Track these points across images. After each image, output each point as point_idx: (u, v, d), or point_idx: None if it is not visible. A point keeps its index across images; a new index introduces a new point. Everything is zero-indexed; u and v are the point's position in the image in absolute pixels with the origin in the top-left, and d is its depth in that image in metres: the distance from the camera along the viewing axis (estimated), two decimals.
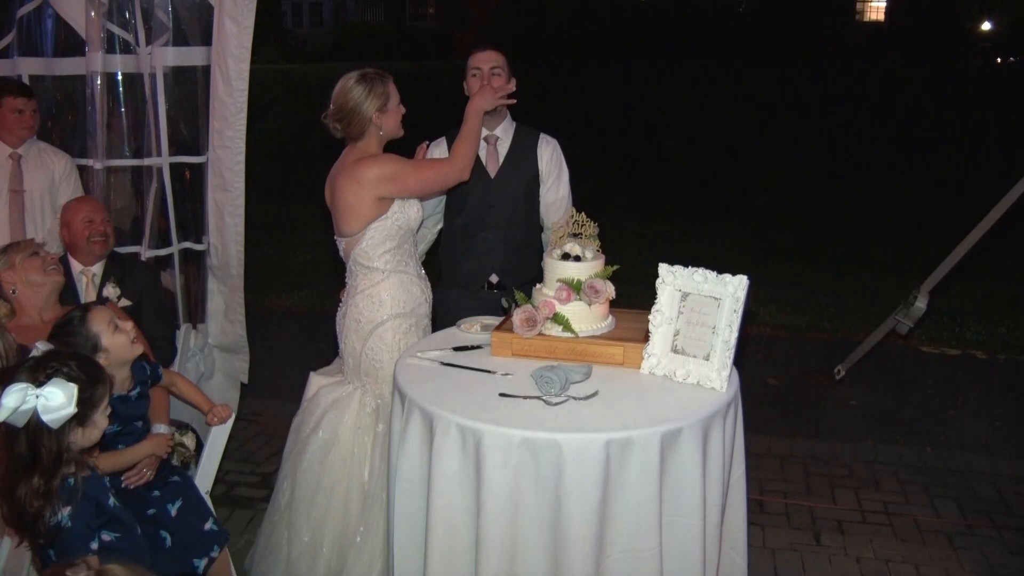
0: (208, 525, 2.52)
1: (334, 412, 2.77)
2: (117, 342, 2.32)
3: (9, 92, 3.41)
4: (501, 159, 3.16)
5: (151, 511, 2.44)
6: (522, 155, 3.17)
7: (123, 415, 2.41)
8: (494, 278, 3.16)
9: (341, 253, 2.83)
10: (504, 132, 3.18)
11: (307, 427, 2.81)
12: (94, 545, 1.90)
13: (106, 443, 2.38)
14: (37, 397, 1.78)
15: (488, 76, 3.03)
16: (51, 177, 3.53)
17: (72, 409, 1.81)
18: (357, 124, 2.69)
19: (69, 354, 1.94)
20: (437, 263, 3.32)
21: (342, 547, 2.72)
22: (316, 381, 2.92)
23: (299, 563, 2.72)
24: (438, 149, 3.18)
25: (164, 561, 2.36)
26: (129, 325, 2.39)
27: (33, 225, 3.48)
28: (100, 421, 1.95)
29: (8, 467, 1.84)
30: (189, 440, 2.76)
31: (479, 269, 3.17)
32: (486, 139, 3.16)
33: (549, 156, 3.18)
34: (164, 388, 2.68)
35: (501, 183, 3.14)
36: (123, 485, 2.44)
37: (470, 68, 3.10)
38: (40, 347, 1.98)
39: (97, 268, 3.18)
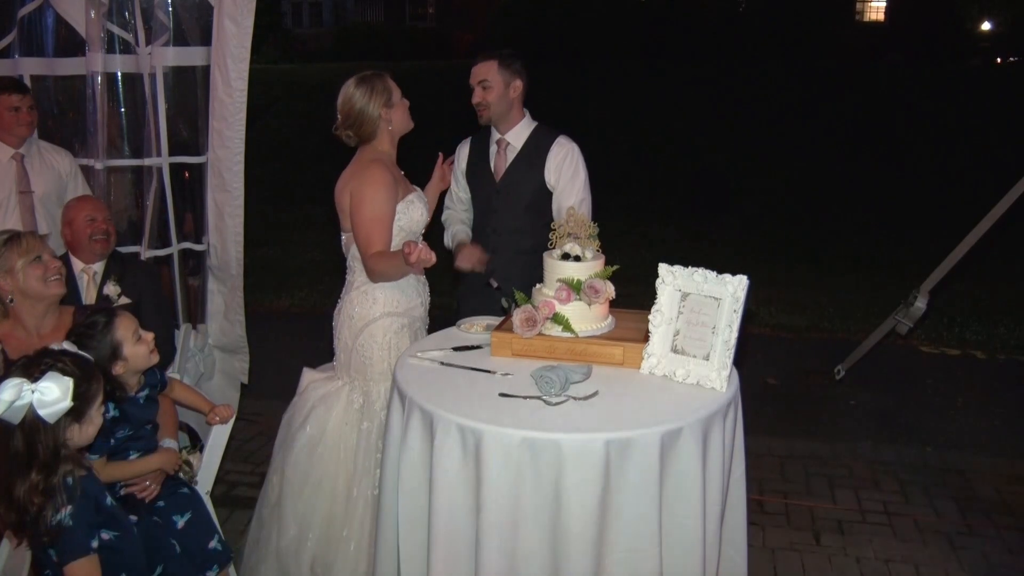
0: (212, 543, 2.50)
1: (322, 407, 2.78)
2: (138, 352, 2.34)
3: (3, 90, 3.36)
4: (508, 164, 3.12)
5: (155, 519, 2.43)
6: (531, 162, 3.10)
7: (133, 418, 2.40)
8: (493, 283, 3.10)
9: (343, 248, 2.85)
10: (517, 136, 3.12)
11: (296, 421, 2.82)
12: (94, 544, 1.90)
13: (118, 448, 2.38)
14: (33, 392, 1.78)
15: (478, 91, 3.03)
16: (57, 176, 3.52)
17: (68, 403, 1.81)
18: (367, 125, 2.73)
19: (62, 351, 1.94)
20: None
21: (328, 541, 2.72)
22: (308, 375, 2.93)
23: (286, 555, 2.74)
24: (463, 150, 3.21)
25: (173, 570, 2.35)
26: (150, 336, 2.39)
27: (43, 226, 3.47)
28: (95, 418, 1.95)
29: (4, 467, 1.84)
30: (195, 460, 2.74)
31: (488, 270, 3.15)
32: (496, 142, 3.14)
33: (559, 163, 3.08)
34: (169, 399, 2.68)
35: (504, 191, 3.11)
36: (121, 493, 2.43)
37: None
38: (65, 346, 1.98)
39: (98, 267, 3.18)
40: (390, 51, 23.75)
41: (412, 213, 2.77)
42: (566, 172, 3.08)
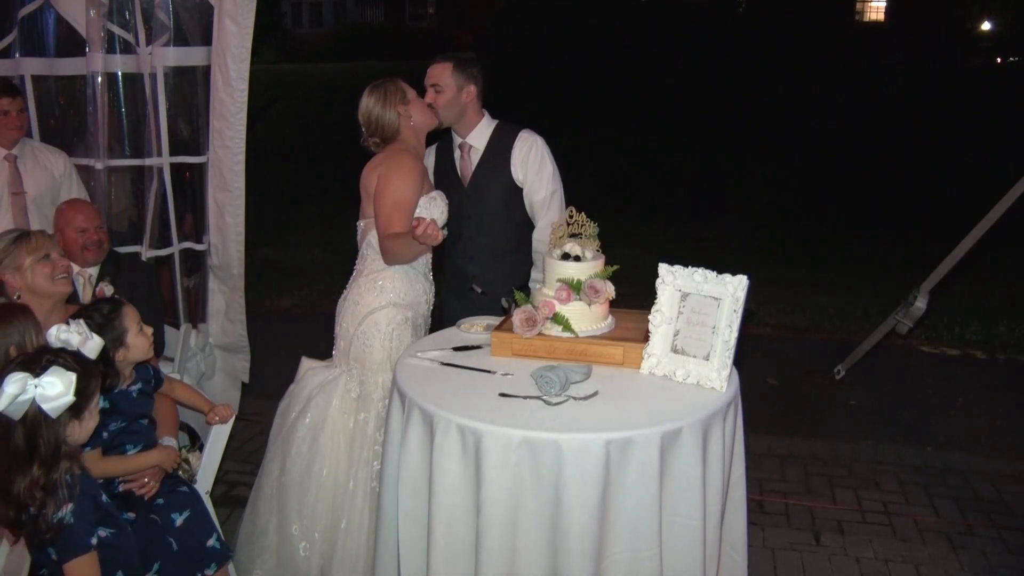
0: (211, 542, 2.50)
1: (322, 396, 2.79)
2: (139, 343, 2.39)
3: None
4: (473, 167, 3.09)
5: (153, 517, 2.43)
6: (496, 162, 3.06)
7: (125, 410, 2.42)
8: (476, 287, 3.09)
9: (358, 235, 2.88)
10: (478, 138, 3.08)
11: (294, 410, 2.82)
12: (93, 541, 1.90)
13: (112, 443, 2.39)
14: (36, 387, 1.79)
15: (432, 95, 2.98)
16: (51, 177, 3.51)
17: (71, 398, 1.82)
18: (388, 128, 2.80)
19: (59, 349, 1.95)
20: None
21: (328, 533, 2.73)
22: (306, 363, 2.95)
23: (288, 549, 2.73)
24: (427, 160, 3.16)
25: (169, 567, 2.35)
26: (150, 331, 2.45)
27: (36, 227, 3.47)
28: (93, 414, 1.96)
29: (4, 462, 1.84)
30: (194, 458, 2.74)
31: (464, 271, 3.15)
32: (459, 147, 3.11)
33: (523, 158, 3.03)
34: (170, 399, 2.68)
35: (474, 194, 3.08)
36: (120, 490, 2.44)
37: None
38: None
39: (93, 269, 3.18)
40: (390, 51, 23.71)
41: (433, 210, 2.79)
42: (532, 166, 3.05)
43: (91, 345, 2.03)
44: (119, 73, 3.56)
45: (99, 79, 3.49)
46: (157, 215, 3.72)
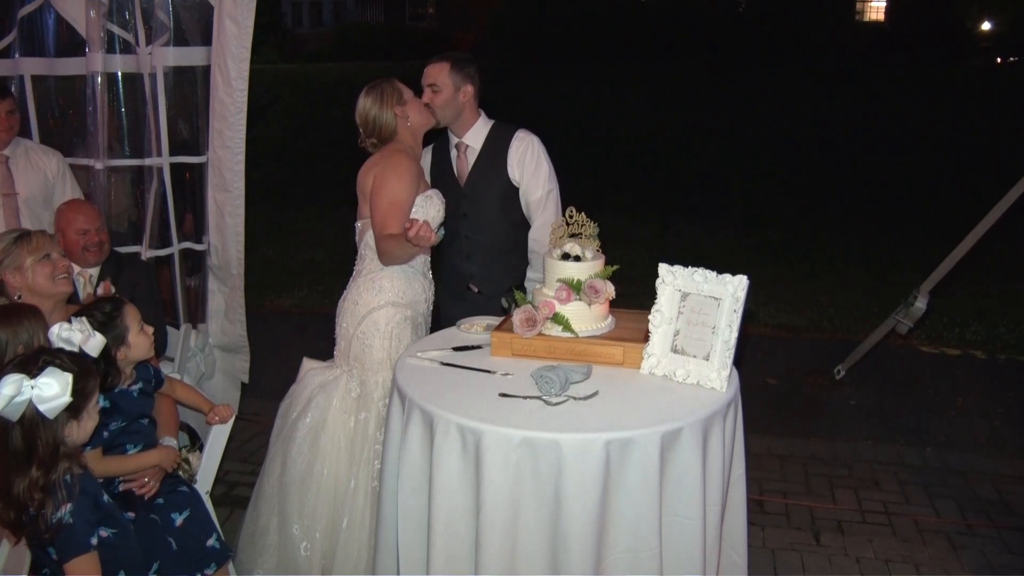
0: (211, 541, 2.50)
1: (322, 395, 2.79)
2: (140, 342, 2.40)
3: None
4: (470, 167, 3.08)
5: (152, 516, 2.43)
6: (493, 162, 3.06)
7: (125, 410, 2.42)
8: (473, 287, 3.10)
9: (356, 236, 2.89)
10: (475, 137, 3.07)
11: (295, 410, 2.83)
12: (94, 541, 1.90)
13: (112, 442, 2.39)
14: (32, 388, 1.78)
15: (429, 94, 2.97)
16: (43, 177, 3.49)
17: (68, 398, 1.81)
18: (386, 128, 2.81)
19: (57, 349, 1.95)
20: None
21: (329, 532, 2.73)
22: (307, 363, 2.95)
23: (289, 548, 2.73)
24: (424, 160, 3.16)
25: (169, 567, 2.36)
26: (151, 330, 2.47)
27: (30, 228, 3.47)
28: (92, 414, 1.95)
29: (3, 464, 1.84)
30: (194, 458, 2.74)
31: (460, 270, 3.15)
32: (456, 147, 3.11)
33: (520, 157, 3.03)
34: (170, 398, 2.69)
35: (471, 193, 3.08)
36: (120, 489, 2.44)
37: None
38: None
39: (94, 269, 3.18)
40: (390, 51, 23.72)
41: (429, 209, 2.80)
42: (528, 165, 3.05)
43: (93, 343, 2.03)
44: (119, 73, 3.56)
45: (99, 79, 3.48)
46: (157, 215, 3.72)
